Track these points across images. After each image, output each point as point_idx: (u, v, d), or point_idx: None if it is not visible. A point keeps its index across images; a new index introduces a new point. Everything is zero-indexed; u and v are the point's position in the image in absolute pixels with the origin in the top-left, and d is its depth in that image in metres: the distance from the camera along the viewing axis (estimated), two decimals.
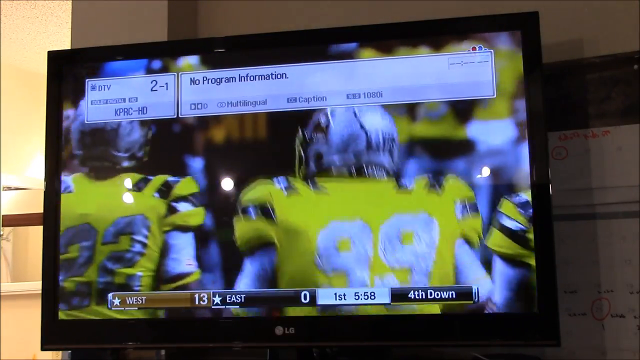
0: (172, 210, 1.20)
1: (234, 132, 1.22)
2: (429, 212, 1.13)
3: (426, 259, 1.12)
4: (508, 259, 1.10)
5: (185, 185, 1.21)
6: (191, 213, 1.20)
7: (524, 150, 1.12)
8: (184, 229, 1.20)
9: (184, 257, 1.19)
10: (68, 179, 1.26)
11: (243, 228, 1.18)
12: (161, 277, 1.20)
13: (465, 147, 1.14)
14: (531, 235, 1.10)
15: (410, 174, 1.14)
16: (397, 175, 1.15)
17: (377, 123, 1.16)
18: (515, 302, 1.10)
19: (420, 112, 1.16)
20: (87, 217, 1.23)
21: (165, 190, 1.21)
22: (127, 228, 1.21)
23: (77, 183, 1.25)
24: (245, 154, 1.22)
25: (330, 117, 1.18)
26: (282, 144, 1.19)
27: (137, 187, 1.22)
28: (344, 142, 1.16)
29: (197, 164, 1.21)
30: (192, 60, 1.25)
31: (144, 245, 1.21)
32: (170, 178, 1.22)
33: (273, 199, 1.17)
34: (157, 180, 1.22)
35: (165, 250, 1.20)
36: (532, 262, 1.09)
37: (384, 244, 1.13)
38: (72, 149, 1.26)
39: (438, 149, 1.15)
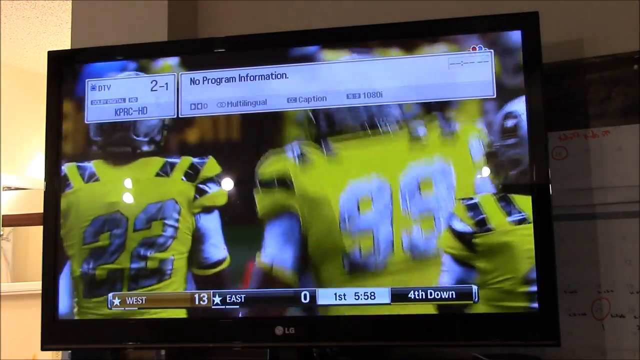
0: (200, 192, 1.21)
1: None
2: (444, 159, 1.13)
3: (447, 203, 1.12)
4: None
5: (211, 166, 1.21)
6: (218, 194, 1.20)
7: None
8: (212, 209, 1.20)
9: (217, 240, 1.19)
10: (90, 166, 1.25)
11: (264, 201, 1.18)
12: (197, 261, 1.20)
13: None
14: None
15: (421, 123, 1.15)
16: (409, 127, 1.15)
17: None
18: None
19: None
20: (116, 205, 1.23)
21: (192, 174, 1.21)
22: (158, 214, 1.22)
23: (101, 171, 1.25)
24: (256, 126, 1.22)
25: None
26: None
27: (164, 171, 1.23)
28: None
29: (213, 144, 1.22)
30: (171, 61, 1.25)
31: (176, 229, 1.21)
32: (195, 160, 1.22)
33: (290, 171, 1.17)
34: (184, 162, 1.22)
35: (197, 234, 1.20)
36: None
37: (404, 196, 1.12)
38: (91, 136, 1.26)
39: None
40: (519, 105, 1.13)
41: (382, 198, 1.14)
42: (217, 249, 1.19)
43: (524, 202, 1.11)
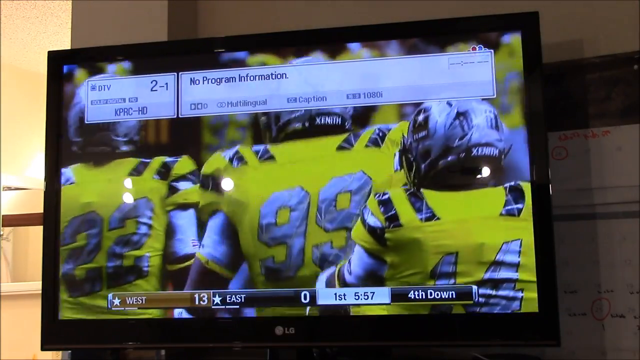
0: (173, 190, 1.22)
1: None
2: (365, 166, 1.15)
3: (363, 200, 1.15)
4: None
5: (183, 164, 1.22)
6: (191, 191, 1.21)
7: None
8: (185, 207, 1.22)
9: (189, 236, 1.21)
10: (68, 171, 1.26)
11: (204, 199, 1.21)
12: (169, 257, 1.21)
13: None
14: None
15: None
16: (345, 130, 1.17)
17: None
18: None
19: None
20: (91, 206, 1.24)
21: (164, 172, 1.23)
22: (131, 212, 1.23)
23: (77, 173, 1.26)
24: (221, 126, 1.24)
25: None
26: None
27: (137, 171, 1.24)
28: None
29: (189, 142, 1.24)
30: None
31: (150, 226, 1.22)
32: (167, 159, 1.23)
33: (222, 172, 1.20)
34: (156, 162, 1.24)
35: (170, 230, 1.22)
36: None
37: (320, 209, 1.15)
38: (70, 138, 1.27)
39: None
40: (429, 102, 1.15)
41: (299, 210, 1.16)
42: (186, 244, 1.21)
43: (434, 198, 1.12)
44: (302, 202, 1.17)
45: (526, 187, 1.11)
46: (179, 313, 1.20)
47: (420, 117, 1.14)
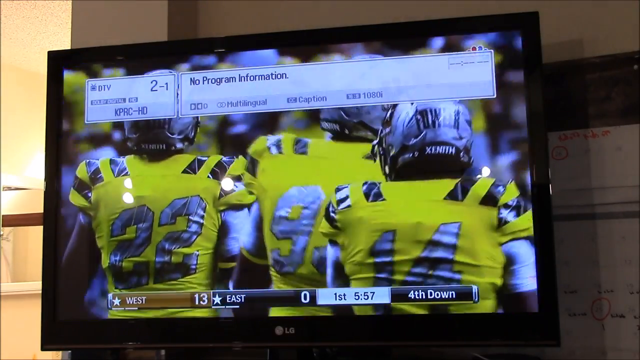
0: (226, 191, 1.22)
1: None
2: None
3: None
4: None
5: (238, 165, 1.22)
6: (245, 192, 1.21)
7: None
8: (238, 207, 1.21)
9: (242, 235, 1.21)
10: (122, 161, 1.26)
11: (246, 180, 1.22)
12: (221, 255, 1.21)
13: None
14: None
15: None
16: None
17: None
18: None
19: None
20: (143, 200, 1.24)
21: (218, 172, 1.22)
22: (183, 209, 1.22)
23: (132, 166, 1.26)
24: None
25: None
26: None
27: (191, 168, 1.24)
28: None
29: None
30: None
31: (201, 225, 1.22)
32: (224, 158, 1.23)
33: (259, 156, 1.21)
34: (211, 161, 1.23)
35: (224, 230, 1.22)
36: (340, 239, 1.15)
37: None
38: (125, 132, 1.27)
39: None
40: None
41: (311, 209, 1.17)
42: (238, 243, 1.21)
43: (387, 186, 1.14)
44: (316, 202, 1.17)
45: (484, 181, 1.12)
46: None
47: (388, 114, 1.17)
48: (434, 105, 1.15)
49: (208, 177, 1.23)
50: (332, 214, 1.16)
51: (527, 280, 1.10)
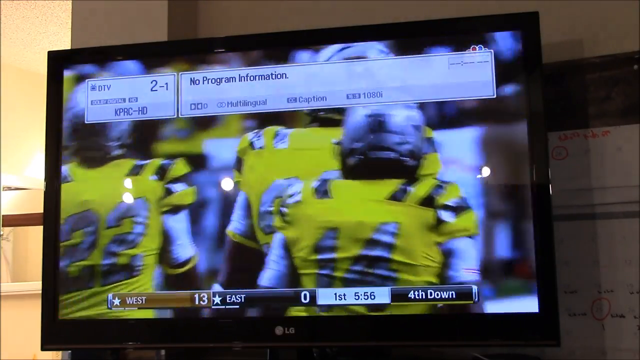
0: (168, 192, 1.23)
1: None
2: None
3: None
4: None
5: (179, 167, 1.23)
6: (185, 193, 1.22)
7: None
8: (179, 208, 1.23)
9: (185, 239, 1.22)
10: (65, 169, 1.27)
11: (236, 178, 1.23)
12: (165, 258, 1.22)
13: None
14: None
15: None
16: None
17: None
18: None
19: None
20: (90, 204, 1.25)
21: (161, 173, 1.24)
22: (128, 211, 1.23)
23: (74, 172, 1.27)
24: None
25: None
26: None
27: (134, 172, 1.25)
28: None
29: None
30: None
31: (145, 226, 1.23)
32: (163, 161, 1.23)
33: (244, 153, 1.22)
34: (153, 164, 1.24)
35: (165, 232, 1.22)
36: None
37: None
38: (66, 140, 1.28)
39: None
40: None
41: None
42: (184, 248, 1.21)
43: (336, 187, 1.16)
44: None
45: (425, 182, 1.14)
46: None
47: (344, 116, 1.18)
48: (384, 111, 1.17)
49: (150, 179, 1.24)
50: (282, 208, 1.17)
51: (464, 275, 1.12)
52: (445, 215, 1.13)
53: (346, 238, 1.15)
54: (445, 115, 1.16)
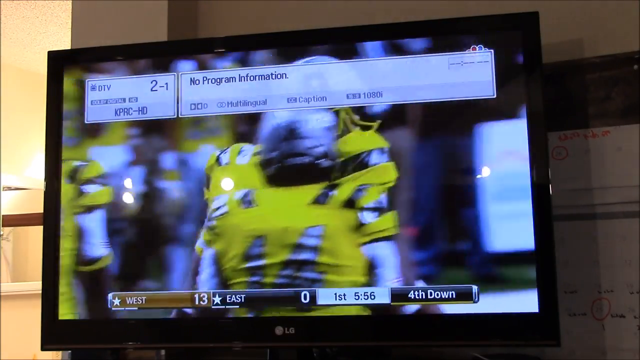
0: (81, 193, 1.25)
1: None
2: None
3: None
4: None
5: (91, 168, 1.25)
6: (99, 193, 1.25)
7: None
8: (92, 209, 1.25)
9: (98, 238, 1.24)
10: None
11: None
12: (80, 259, 1.24)
13: None
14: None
15: None
16: None
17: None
18: None
19: None
20: None
21: (73, 175, 1.26)
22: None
23: None
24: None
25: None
26: None
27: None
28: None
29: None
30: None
31: (61, 227, 1.26)
32: (76, 163, 1.26)
33: (212, 171, 1.23)
34: (66, 165, 1.26)
35: (80, 231, 1.25)
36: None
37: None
38: None
39: None
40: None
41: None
42: (96, 247, 1.24)
43: (261, 195, 1.19)
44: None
45: (346, 185, 1.15)
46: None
47: (258, 126, 1.21)
48: (294, 117, 1.19)
49: (65, 182, 1.26)
50: (209, 222, 1.20)
51: (388, 274, 1.14)
52: (367, 217, 1.15)
53: (274, 244, 1.17)
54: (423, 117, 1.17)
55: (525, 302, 1.09)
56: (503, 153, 1.14)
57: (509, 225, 1.12)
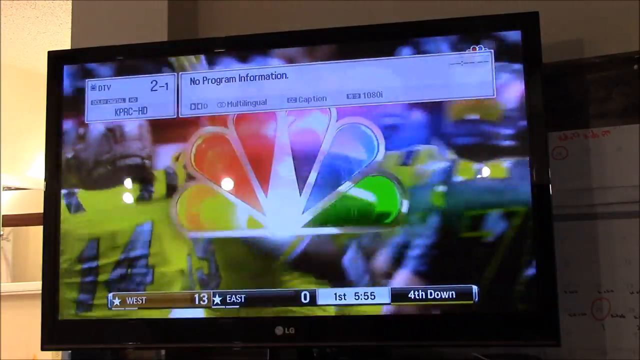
0: None
1: None
2: None
3: None
4: None
5: None
6: None
7: None
8: None
9: None
10: None
11: None
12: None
13: None
14: None
15: None
16: None
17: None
18: None
19: None
20: None
21: None
22: None
23: None
24: None
25: None
26: None
27: None
28: None
29: None
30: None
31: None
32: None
33: None
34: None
35: None
36: None
37: None
38: None
39: None
40: None
41: None
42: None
43: (84, 195, 1.24)
44: None
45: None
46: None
47: (81, 132, 1.27)
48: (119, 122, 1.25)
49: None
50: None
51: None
52: None
53: (107, 247, 1.22)
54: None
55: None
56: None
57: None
